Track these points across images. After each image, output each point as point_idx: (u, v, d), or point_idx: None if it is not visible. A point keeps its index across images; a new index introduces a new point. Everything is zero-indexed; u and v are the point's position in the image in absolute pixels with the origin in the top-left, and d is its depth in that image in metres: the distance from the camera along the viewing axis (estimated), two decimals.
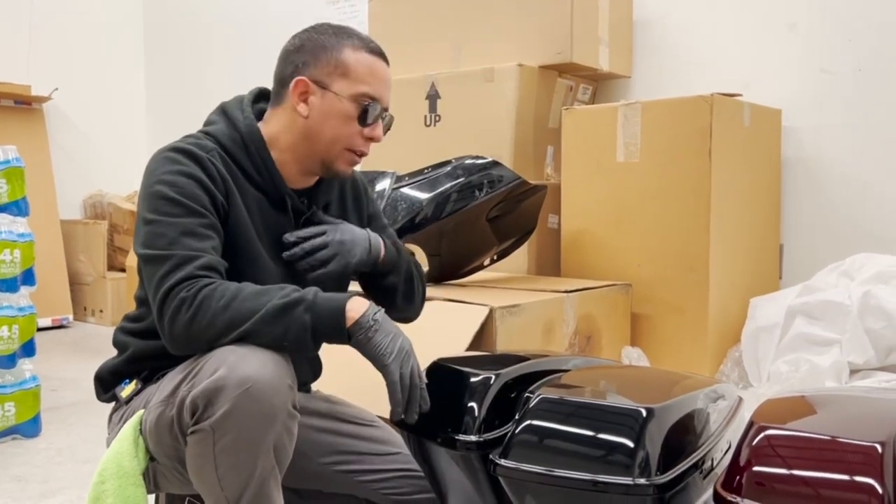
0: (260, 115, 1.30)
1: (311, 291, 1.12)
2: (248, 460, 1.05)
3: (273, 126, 1.27)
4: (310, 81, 1.24)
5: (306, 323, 1.08)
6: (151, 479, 1.21)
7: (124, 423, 1.21)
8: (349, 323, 1.10)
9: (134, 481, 1.14)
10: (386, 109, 1.29)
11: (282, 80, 1.27)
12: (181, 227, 1.14)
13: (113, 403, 1.32)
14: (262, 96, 1.34)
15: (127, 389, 1.26)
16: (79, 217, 4.74)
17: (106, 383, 1.30)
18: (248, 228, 1.23)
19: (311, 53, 1.25)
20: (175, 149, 1.21)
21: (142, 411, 1.18)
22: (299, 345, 1.09)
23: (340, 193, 1.41)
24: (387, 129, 1.32)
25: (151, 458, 1.18)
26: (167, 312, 1.10)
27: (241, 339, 1.08)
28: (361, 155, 1.29)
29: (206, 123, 1.31)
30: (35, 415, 2.35)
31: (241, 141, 1.26)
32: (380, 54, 1.27)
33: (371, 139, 1.27)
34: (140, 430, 1.17)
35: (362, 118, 1.24)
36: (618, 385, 1.23)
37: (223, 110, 1.30)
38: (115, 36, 4.96)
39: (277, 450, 1.07)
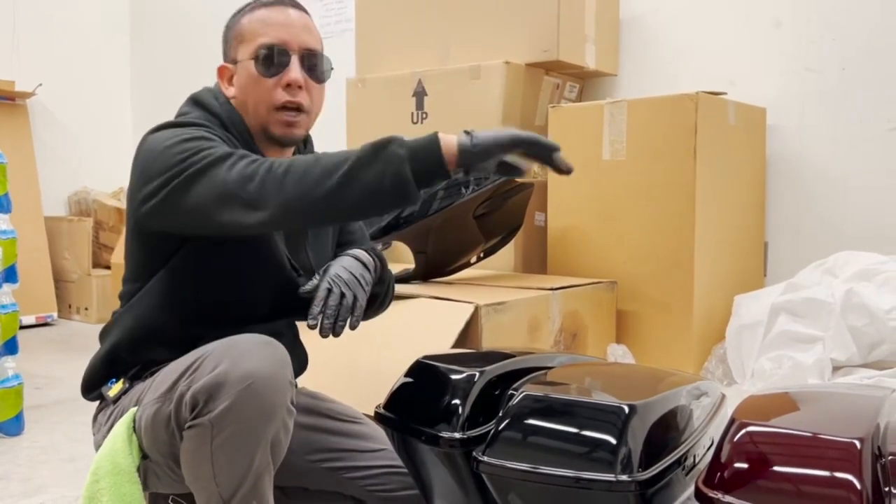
0: None
1: (395, 137, 1.05)
2: (246, 456, 1.05)
3: None
4: (227, 65, 1.27)
5: (402, 156, 1.03)
6: (142, 477, 1.20)
7: (112, 422, 1.21)
8: (445, 149, 1.03)
9: (129, 478, 1.13)
10: (309, 51, 1.23)
11: None
12: (211, 142, 1.12)
13: (97, 403, 1.31)
14: None
15: (114, 388, 1.25)
16: (63, 214, 4.70)
17: (92, 383, 1.29)
18: None
19: (223, 41, 1.29)
20: (166, 124, 1.19)
21: (135, 408, 1.17)
22: (399, 180, 1.03)
23: None
24: (321, 73, 1.25)
25: (144, 456, 1.17)
26: (250, 186, 1.04)
27: (343, 184, 1.03)
28: (292, 108, 1.23)
29: (179, 114, 1.28)
30: (18, 413, 2.33)
31: (222, 125, 1.24)
32: (275, 3, 1.24)
33: (289, 85, 1.21)
34: (133, 427, 1.16)
35: (264, 68, 1.21)
36: (601, 382, 1.23)
37: (195, 100, 1.29)
38: (101, 31, 4.92)
39: (274, 446, 1.07)
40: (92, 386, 1.29)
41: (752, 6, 2.75)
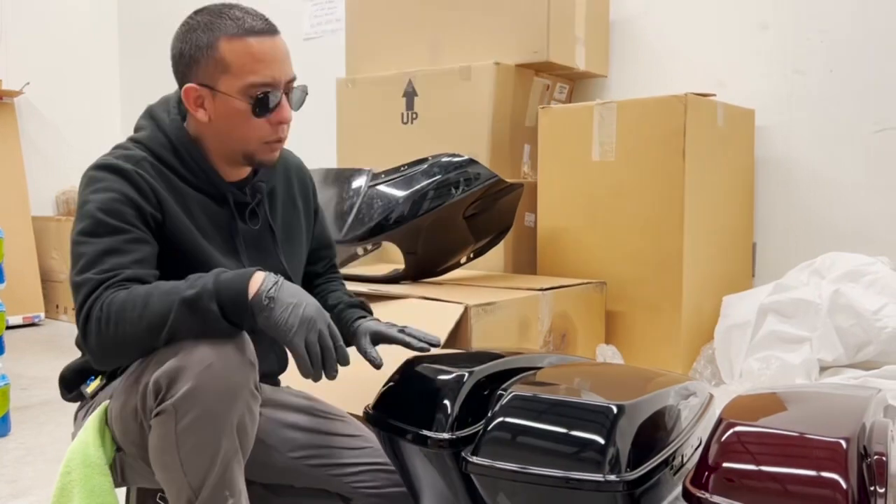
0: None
1: (211, 277, 1.08)
2: (212, 439, 1.05)
3: (192, 128, 1.26)
4: (198, 86, 1.21)
5: (216, 312, 1.06)
6: (119, 472, 1.21)
7: (89, 416, 1.21)
8: (252, 293, 1.07)
9: (100, 471, 1.14)
10: (292, 80, 1.23)
11: (179, 88, 1.25)
12: (102, 247, 1.12)
13: (78, 402, 1.31)
14: None
15: (92, 385, 1.27)
16: (51, 213, 4.67)
17: (70, 383, 1.30)
18: (190, 232, 1.22)
19: (191, 58, 1.21)
20: (100, 166, 1.20)
21: (107, 402, 1.18)
22: (220, 333, 1.07)
23: (286, 177, 1.41)
24: (299, 102, 1.27)
25: (118, 449, 1.17)
26: (90, 334, 1.09)
27: (167, 342, 1.07)
28: (278, 141, 1.25)
29: (136, 129, 1.29)
30: (4, 414, 2.32)
31: (171, 145, 1.24)
32: (258, 32, 1.19)
33: (280, 123, 1.22)
34: (106, 420, 1.17)
35: (259, 110, 1.20)
36: (590, 382, 1.23)
37: (150, 114, 1.28)
38: (90, 29, 4.89)
39: (240, 431, 1.07)
40: (70, 386, 1.30)
41: (740, 9, 2.77)
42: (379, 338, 1.34)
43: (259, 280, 1.09)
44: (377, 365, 1.25)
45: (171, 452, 1.05)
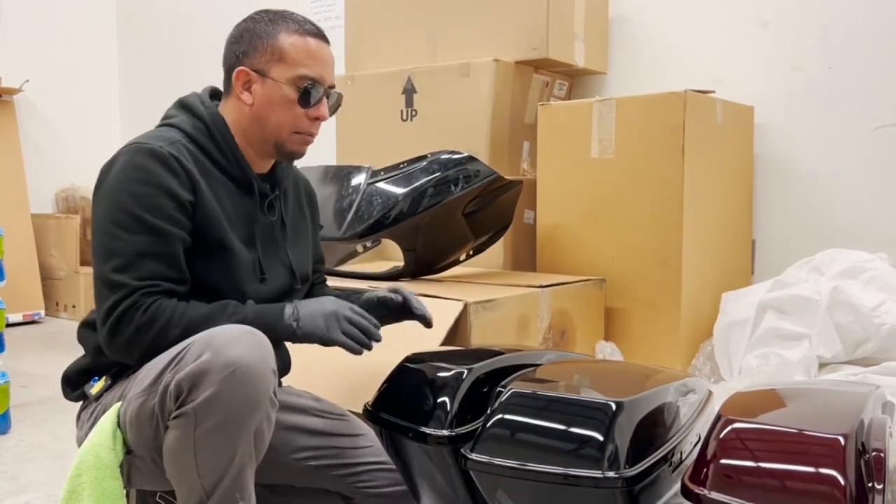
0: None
1: (250, 310, 1.19)
2: (229, 445, 1.05)
3: (227, 115, 1.30)
4: (250, 70, 1.28)
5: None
6: (125, 474, 1.20)
7: (95, 419, 1.21)
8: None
9: (111, 473, 1.14)
10: (332, 87, 1.32)
11: (227, 70, 1.31)
12: (137, 248, 1.16)
13: (80, 402, 1.31)
14: (214, 94, 1.36)
15: (96, 386, 1.26)
16: (51, 211, 4.67)
17: (74, 382, 1.29)
18: (217, 217, 1.24)
19: (248, 43, 1.29)
20: (138, 150, 1.21)
21: (119, 403, 1.17)
22: None
23: (295, 186, 1.46)
24: (335, 107, 1.35)
25: (128, 452, 1.17)
26: (120, 334, 1.14)
27: None
28: (311, 135, 1.32)
29: (166, 117, 1.32)
30: (4, 411, 2.32)
31: (206, 129, 1.28)
32: (316, 35, 1.30)
33: (317, 119, 1.30)
34: (118, 422, 1.16)
35: (303, 100, 1.27)
36: (589, 379, 1.24)
37: (182, 104, 1.32)
38: (88, 27, 4.88)
39: (257, 437, 1.08)
40: (74, 385, 1.29)
41: (739, 6, 2.76)
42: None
43: (282, 308, 1.22)
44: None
45: (187, 455, 1.06)
